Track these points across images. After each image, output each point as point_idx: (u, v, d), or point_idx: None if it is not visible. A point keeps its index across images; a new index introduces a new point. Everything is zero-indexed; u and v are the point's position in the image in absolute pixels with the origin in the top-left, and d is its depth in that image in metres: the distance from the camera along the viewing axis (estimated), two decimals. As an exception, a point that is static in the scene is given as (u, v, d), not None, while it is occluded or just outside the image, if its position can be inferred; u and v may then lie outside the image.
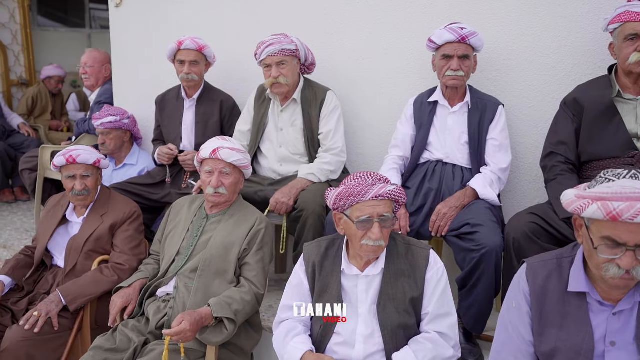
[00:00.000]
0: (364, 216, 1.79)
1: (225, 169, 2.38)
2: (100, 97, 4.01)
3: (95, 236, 2.69)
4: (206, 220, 2.47)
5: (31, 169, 4.24)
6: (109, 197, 2.82)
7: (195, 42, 3.13)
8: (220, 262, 2.35)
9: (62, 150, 2.74)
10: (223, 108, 3.27)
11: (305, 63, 2.94)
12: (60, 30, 8.75)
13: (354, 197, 1.81)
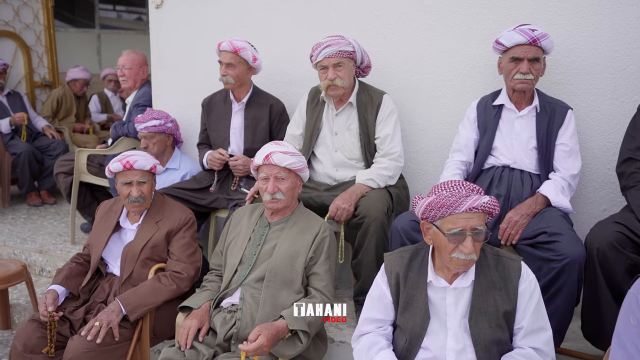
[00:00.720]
0: (456, 229, 1.73)
1: (281, 174, 2.32)
2: (139, 100, 3.95)
3: (151, 244, 2.63)
4: (268, 228, 2.41)
5: (66, 173, 4.19)
6: (163, 203, 2.76)
7: (231, 44, 3.06)
8: (287, 271, 2.28)
9: (118, 156, 2.68)
10: (272, 112, 3.20)
11: (361, 65, 2.88)
12: (69, 30, 8.73)
13: (446, 209, 1.74)
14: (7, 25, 5.97)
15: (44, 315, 2.44)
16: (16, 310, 3.61)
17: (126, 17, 11.86)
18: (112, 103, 7.01)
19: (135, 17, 11.90)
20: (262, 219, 2.46)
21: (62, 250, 4.06)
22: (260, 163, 2.36)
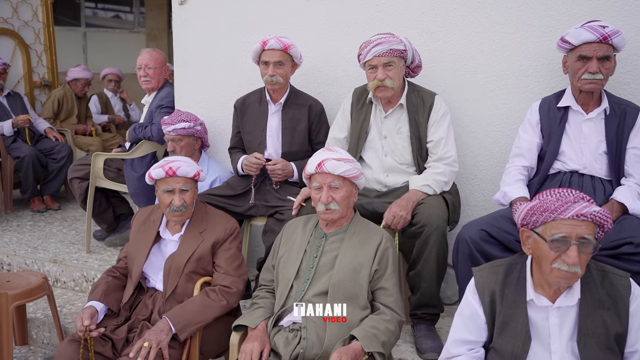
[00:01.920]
0: (559, 234, 1.59)
1: (334, 183, 2.17)
2: (162, 101, 3.75)
3: (196, 256, 2.46)
4: (324, 239, 2.26)
5: (81, 178, 3.98)
6: (205, 212, 2.58)
7: (281, 41, 2.90)
8: (350, 286, 2.13)
9: (160, 161, 2.50)
10: (312, 113, 3.04)
11: (411, 65, 2.73)
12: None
13: (550, 213, 1.60)
14: (5, 22, 5.72)
15: (81, 331, 2.25)
16: (34, 324, 3.40)
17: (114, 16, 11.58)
18: (112, 104, 6.77)
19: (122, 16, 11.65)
20: (317, 230, 2.31)
21: (78, 259, 3.85)
22: (313, 171, 2.21)
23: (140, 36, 11.24)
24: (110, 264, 3.76)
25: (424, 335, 2.52)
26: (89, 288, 3.72)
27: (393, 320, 2.07)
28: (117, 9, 11.59)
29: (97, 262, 3.79)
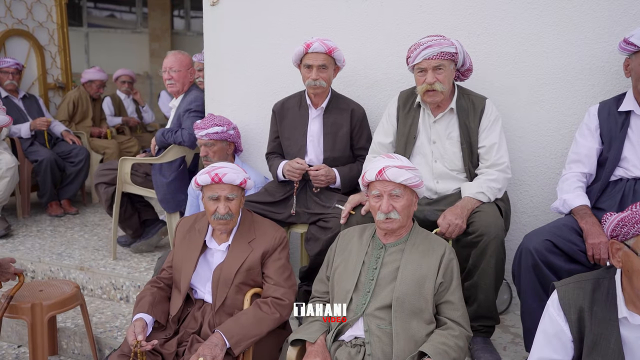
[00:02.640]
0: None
1: (395, 191, 2.10)
2: (190, 105, 3.66)
3: (246, 266, 2.37)
4: (384, 250, 2.17)
5: (108, 183, 3.89)
6: (252, 220, 2.50)
7: (325, 44, 2.81)
8: (414, 299, 2.05)
9: (206, 168, 2.41)
10: (354, 118, 2.96)
11: (461, 69, 2.65)
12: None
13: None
14: (20, 23, 5.61)
15: (133, 345, 2.17)
16: (64, 334, 3.31)
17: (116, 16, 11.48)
18: (125, 105, 6.68)
19: (124, 16, 11.56)
20: (374, 240, 2.22)
21: (105, 267, 3.76)
22: (373, 179, 2.13)
23: (142, 36, 11.15)
24: (138, 271, 3.67)
25: (481, 349, 2.44)
26: (117, 296, 3.63)
27: (462, 335, 1.99)
28: (120, 9, 11.49)
29: (125, 270, 3.70)
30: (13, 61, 5.08)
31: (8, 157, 4.59)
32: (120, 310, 3.54)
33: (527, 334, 2.30)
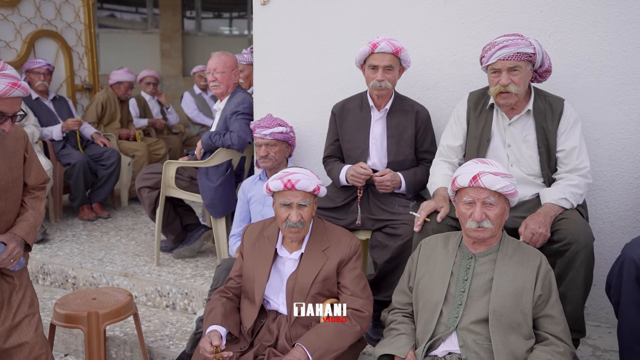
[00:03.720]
0: None
1: (490, 199, 1.99)
2: (238, 107, 3.56)
3: (322, 276, 2.27)
4: (474, 260, 2.07)
5: (151, 187, 3.80)
6: (324, 227, 2.40)
7: (392, 44, 2.71)
8: (512, 313, 1.94)
9: (278, 173, 2.31)
10: (418, 120, 2.85)
11: (539, 69, 2.54)
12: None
13: None
14: (49, 24, 5.52)
15: (210, 353, 2.07)
16: (113, 343, 3.22)
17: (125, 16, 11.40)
18: (150, 107, 6.59)
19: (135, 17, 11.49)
20: (462, 249, 2.12)
21: (150, 273, 3.67)
22: (466, 185, 2.02)
23: (153, 37, 11.07)
24: (184, 277, 3.58)
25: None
26: (162, 303, 3.54)
27: (567, 352, 1.89)
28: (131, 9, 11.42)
29: (171, 276, 3.60)
30: (44, 62, 5.00)
31: (42, 159, 4.50)
32: (167, 318, 3.44)
33: (626, 351, 2.18)
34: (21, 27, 5.23)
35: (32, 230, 2.25)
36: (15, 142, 2.21)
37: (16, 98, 2.03)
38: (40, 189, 2.37)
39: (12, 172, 2.20)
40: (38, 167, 2.33)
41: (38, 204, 2.33)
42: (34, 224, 2.27)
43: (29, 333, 2.24)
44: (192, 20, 11.35)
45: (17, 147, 2.21)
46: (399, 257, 2.64)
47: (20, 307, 2.25)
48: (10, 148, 2.19)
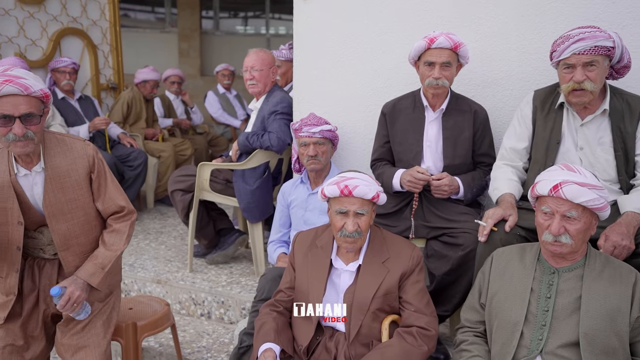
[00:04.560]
0: None
1: (571, 213, 1.79)
2: (276, 107, 3.39)
3: (382, 290, 2.09)
4: (557, 276, 1.87)
5: (184, 190, 3.64)
6: (382, 237, 2.21)
7: (450, 39, 2.52)
8: (606, 336, 1.75)
9: (335, 178, 2.13)
10: (476, 120, 2.66)
11: (617, 65, 2.33)
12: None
13: None
14: (74, 22, 5.40)
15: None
16: (149, 354, 3.07)
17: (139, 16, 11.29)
18: (174, 106, 6.46)
19: (153, 16, 11.39)
20: (541, 263, 1.92)
21: (184, 280, 3.51)
22: (545, 194, 1.82)
23: (171, 36, 10.97)
24: (219, 285, 3.42)
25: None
26: (197, 312, 3.38)
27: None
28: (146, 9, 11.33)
29: (206, 284, 3.44)
30: (70, 60, 4.87)
31: (70, 161, 4.38)
32: (203, 328, 3.28)
33: None
34: (47, 25, 5.11)
35: (97, 271, 2.09)
36: (71, 160, 2.05)
37: (17, 96, 1.87)
38: (119, 220, 2.16)
39: (65, 194, 2.06)
40: (111, 194, 2.13)
41: (113, 239, 2.14)
42: (102, 263, 2.10)
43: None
44: (209, 19, 11.24)
45: (75, 167, 2.05)
46: (459, 269, 2.45)
47: (94, 329, 2.18)
48: (61, 167, 2.04)
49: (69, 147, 2.07)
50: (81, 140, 2.12)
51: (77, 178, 2.07)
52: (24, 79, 1.90)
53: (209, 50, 11.06)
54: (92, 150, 2.10)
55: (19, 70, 1.94)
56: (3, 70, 1.91)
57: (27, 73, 1.95)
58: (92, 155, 2.09)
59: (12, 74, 1.90)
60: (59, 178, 2.05)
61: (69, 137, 2.12)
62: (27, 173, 2.05)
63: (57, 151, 2.04)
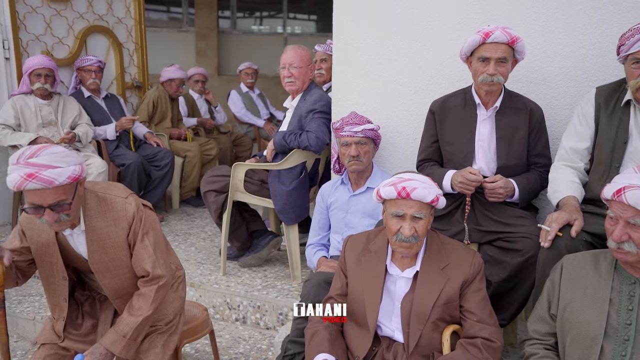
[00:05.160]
0: None
1: (636, 220, 1.66)
2: (314, 105, 3.28)
3: (443, 299, 1.97)
4: (637, 286, 1.74)
5: (217, 191, 3.54)
6: (440, 242, 2.09)
7: (507, 33, 2.39)
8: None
9: (392, 179, 2.02)
10: (532, 119, 2.53)
11: (689, 59, 2.19)
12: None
13: None
14: (100, 19, 5.34)
15: None
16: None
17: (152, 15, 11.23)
18: (198, 106, 6.37)
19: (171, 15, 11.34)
20: (619, 272, 1.79)
21: (218, 283, 3.42)
22: (609, 197, 1.70)
23: (189, 35, 10.92)
24: (255, 289, 3.31)
25: None
26: (232, 316, 3.29)
27: None
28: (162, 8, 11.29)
29: (241, 287, 3.34)
30: (95, 59, 4.80)
31: (99, 160, 4.31)
32: (238, 334, 3.18)
33: None
34: (74, 23, 5.05)
35: (119, 340, 2.02)
36: (110, 221, 1.99)
37: (43, 190, 1.78)
38: (145, 284, 2.07)
39: (107, 254, 2.02)
40: (139, 256, 2.04)
41: (139, 303, 2.06)
42: (124, 331, 2.03)
43: None
44: (227, 19, 11.19)
45: (114, 228, 1.99)
46: (518, 276, 2.32)
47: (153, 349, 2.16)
48: (101, 229, 1.99)
49: (109, 206, 1.99)
50: (122, 197, 2.01)
51: (117, 240, 2.01)
52: (50, 169, 1.77)
53: (226, 49, 11.00)
54: (132, 209, 2.00)
55: (47, 153, 1.79)
56: (31, 153, 1.78)
57: (54, 156, 1.79)
58: (132, 215, 2.00)
59: (37, 162, 1.77)
60: (99, 240, 2.00)
61: (110, 193, 2.02)
62: (71, 232, 2.03)
63: (97, 211, 1.98)
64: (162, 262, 2.07)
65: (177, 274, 2.33)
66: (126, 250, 2.04)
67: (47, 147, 1.81)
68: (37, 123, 4.31)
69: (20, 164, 1.77)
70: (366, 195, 2.88)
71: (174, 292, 2.26)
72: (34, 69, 4.26)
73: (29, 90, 4.34)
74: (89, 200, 1.98)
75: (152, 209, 2.14)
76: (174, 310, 2.26)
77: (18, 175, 1.76)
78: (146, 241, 2.02)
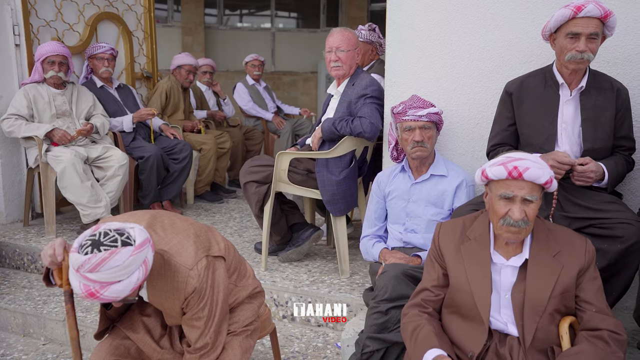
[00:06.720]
0: None
1: None
2: (365, 90, 3.11)
3: (560, 289, 1.82)
4: None
5: (259, 182, 3.34)
6: (546, 228, 1.94)
7: (600, 7, 2.24)
8: None
9: (500, 157, 1.86)
10: (619, 99, 2.39)
11: None
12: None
13: None
14: (110, 6, 5.08)
15: None
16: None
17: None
18: (206, 98, 6.15)
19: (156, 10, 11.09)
20: None
21: (263, 279, 3.22)
22: None
23: (174, 30, 10.67)
24: (303, 284, 3.12)
25: None
26: (279, 314, 3.10)
27: None
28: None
29: (289, 283, 3.15)
30: (108, 46, 4.56)
31: (119, 153, 4.08)
32: (288, 332, 2.99)
33: None
34: (84, 9, 4.79)
35: None
36: (169, 287, 1.82)
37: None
38: (190, 353, 1.92)
39: (165, 305, 1.91)
40: (192, 329, 1.90)
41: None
42: None
43: None
44: (213, 17, 10.99)
45: (172, 296, 1.84)
46: (618, 264, 2.19)
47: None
48: (160, 289, 1.84)
49: (172, 273, 1.81)
50: (187, 267, 1.81)
51: (172, 305, 1.87)
52: (112, 285, 1.59)
53: (213, 44, 10.79)
54: (194, 284, 1.81)
55: (108, 267, 1.58)
56: (91, 267, 1.56)
57: (115, 270, 1.58)
58: (191, 291, 1.82)
59: (96, 279, 1.58)
60: (158, 295, 1.86)
61: (176, 259, 1.82)
62: None
63: (159, 273, 1.81)
64: (212, 332, 1.90)
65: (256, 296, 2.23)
66: (180, 315, 1.92)
67: (109, 260, 1.57)
68: (51, 113, 4.05)
69: (80, 274, 1.58)
70: (429, 183, 2.72)
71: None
72: (47, 56, 4.01)
73: (41, 78, 4.08)
74: (155, 260, 1.77)
75: (224, 258, 1.95)
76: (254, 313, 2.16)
77: (79, 290, 1.59)
78: (199, 314, 1.86)
